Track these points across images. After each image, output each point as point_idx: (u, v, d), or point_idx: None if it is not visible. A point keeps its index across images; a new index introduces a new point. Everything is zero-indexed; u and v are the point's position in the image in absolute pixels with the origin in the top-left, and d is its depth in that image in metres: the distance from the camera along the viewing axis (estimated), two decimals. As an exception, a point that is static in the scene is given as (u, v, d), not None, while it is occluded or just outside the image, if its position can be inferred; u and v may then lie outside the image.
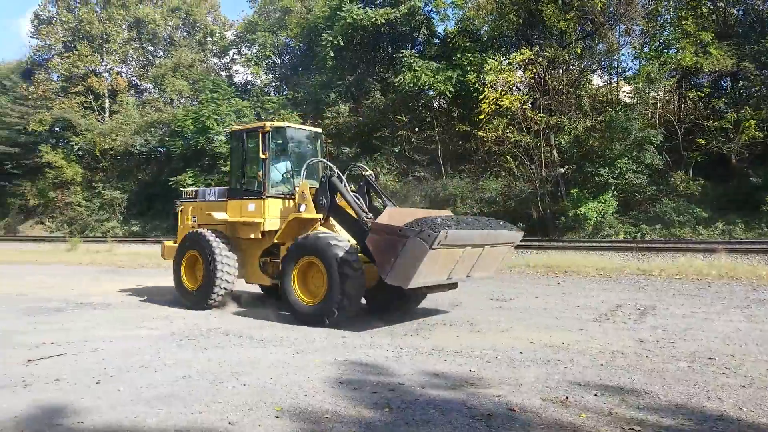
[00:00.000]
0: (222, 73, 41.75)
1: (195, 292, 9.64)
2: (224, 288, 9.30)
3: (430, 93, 27.01)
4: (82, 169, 38.88)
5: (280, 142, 9.87)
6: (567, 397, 4.75)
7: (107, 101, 42.19)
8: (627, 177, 21.27)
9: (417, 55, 27.18)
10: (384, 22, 27.32)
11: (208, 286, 9.30)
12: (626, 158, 21.38)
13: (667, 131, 22.45)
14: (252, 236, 9.34)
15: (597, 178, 21.44)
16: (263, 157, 9.21)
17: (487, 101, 22.68)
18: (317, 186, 8.93)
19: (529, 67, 23.40)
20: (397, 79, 25.99)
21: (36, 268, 18.54)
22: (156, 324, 8.22)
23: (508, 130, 23.26)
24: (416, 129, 27.93)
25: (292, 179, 9.46)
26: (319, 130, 10.81)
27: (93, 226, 35.79)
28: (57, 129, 40.70)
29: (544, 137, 23.47)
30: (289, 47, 36.54)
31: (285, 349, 6.57)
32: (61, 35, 41.84)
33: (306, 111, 32.17)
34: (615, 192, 21.36)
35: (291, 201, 9.17)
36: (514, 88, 24.31)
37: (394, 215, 7.72)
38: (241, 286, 10.10)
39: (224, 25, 45.79)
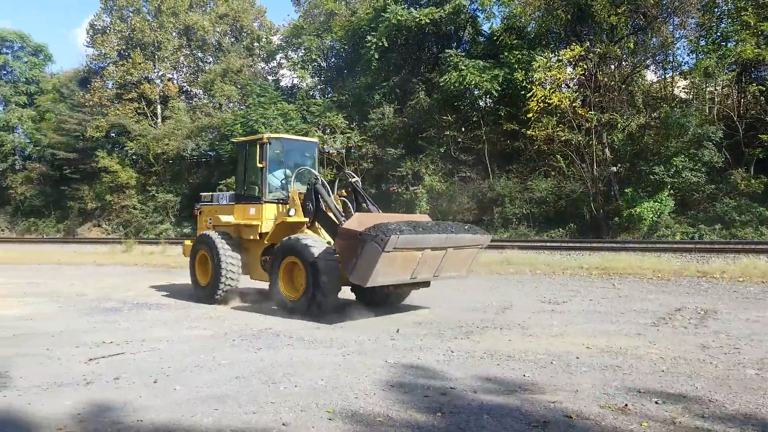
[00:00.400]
0: (269, 77, 42.36)
1: (205, 287, 10.56)
2: (229, 284, 10.16)
3: (476, 92, 26.75)
4: (136, 173, 40.10)
5: (278, 152, 10.59)
6: (627, 405, 4.52)
7: (159, 107, 43.41)
8: (684, 175, 20.51)
9: (462, 54, 26.90)
10: (428, 21, 27.15)
11: (215, 282, 10.17)
12: (683, 156, 20.63)
13: (727, 127, 21.52)
14: (252, 237, 10.30)
15: (652, 177, 20.76)
16: (260, 165, 10.13)
17: (535, 99, 22.30)
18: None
19: (579, 64, 22.87)
20: (442, 79, 25.80)
21: (94, 269, 19.14)
22: (208, 324, 8.30)
23: (557, 129, 22.81)
24: (462, 129, 27.65)
25: (287, 186, 10.23)
26: (316, 140, 11.92)
27: (147, 228, 36.83)
28: (112, 135, 42.17)
29: (596, 135, 22.88)
30: (334, 50, 36.75)
31: (335, 350, 6.51)
32: (116, 44, 43.27)
33: (350, 113, 32.28)
34: (671, 191, 20.63)
35: (285, 206, 10.00)
36: (563, 86, 23.82)
37: (362, 220, 8.22)
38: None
39: (270, 30, 46.46)
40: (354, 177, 10.75)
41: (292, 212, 9.64)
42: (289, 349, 6.55)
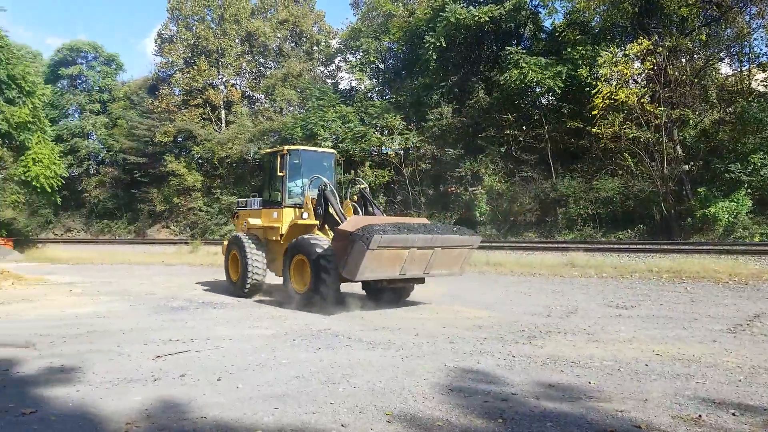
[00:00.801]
0: (328, 80, 42.90)
1: (236, 282, 11.81)
2: (255, 279, 11.30)
3: (538, 90, 26.20)
4: (202, 176, 41.41)
5: (297, 161, 11.69)
6: (700, 416, 4.25)
7: (223, 112, 44.71)
8: (762, 173, 19.39)
9: (523, 51, 26.44)
10: (488, 19, 26.80)
11: (243, 278, 11.34)
12: (761, 153, 19.48)
13: (809, 121, 20.18)
14: (275, 238, 11.43)
15: (728, 175, 19.72)
16: (280, 174, 11.30)
17: (600, 96, 21.60)
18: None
19: (648, 58, 21.96)
20: (502, 77, 25.41)
21: (162, 268, 19.87)
22: (269, 324, 8.41)
23: (624, 126, 22.00)
24: (523, 127, 27.12)
25: (304, 192, 11.26)
26: (333, 151, 13.01)
27: (212, 230, 37.94)
28: (179, 139, 43.75)
29: (666, 132, 21.95)
30: (392, 51, 36.82)
31: (393, 352, 6.44)
32: (182, 52, 44.86)
33: (408, 114, 32.25)
34: (749, 190, 19.50)
35: (301, 210, 11.09)
36: (630, 81, 22.93)
37: (357, 222, 9.08)
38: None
39: (329, 33, 47.06)
40: (363, 184, 11.80)
41: (305, 216, 10.76)
42: (347, 350, 6.54)
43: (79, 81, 52.62)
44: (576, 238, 22.46)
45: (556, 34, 26.59)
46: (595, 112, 22.08)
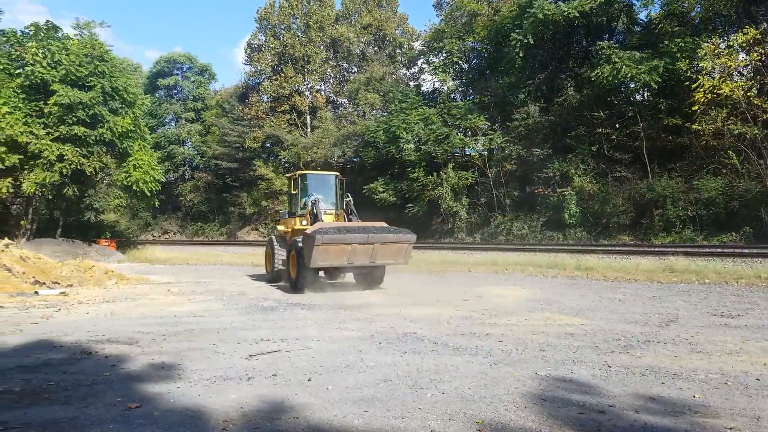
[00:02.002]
0: (410, 83, 43.02)
1: (269, 272, 15.75)
2: (278, 268, 14.71)
3: (632, 85, 25.07)
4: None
5: (305, 182, 15.10)
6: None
7: (308, 117, 45.86)
8: None
9: (616, 45, 25.35)
10: (578, 14, 25.89)
11: (272, 268, 15.28)
12: None
13: None
14: (297, 239, 13.52)
15: None
16: (294, 192, 15.19)
17: (701, 90, 20.39)
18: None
19: (755, 49, 20.44)
20: (593, 74, 24.53)
21: (252, 269, 20.56)
22: (356, 326, 8.47)
23: (728, 122, 20.61)
24: (616, 125, 26.01)
25: (307, 205, 14.39)
26: (336, 173, 15.85)
27: (298, 232, 38.90)
28: (267, 145, 45.32)
29: (776, 127, 20.30)
30: (476, 51, 36.38)
31: (481, 358, 6.28)
32: (270, 60, 46.44)
33: (493, 114, 31.71)
34: None
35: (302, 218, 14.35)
36: (734, 74, 21.44)
37: (321, 227, 11.89)
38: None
39: (412, 36, 47.17)
40: (348, 197, 14.29)
41: (303, 222, 14.00)
42: (434, 355, 6.44)
43: (175, 91, 55.79)
44: (674, 242, 21.25)
45: (652, 26, 25.47)
46: (696, 107, 20.92)
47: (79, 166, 25.59)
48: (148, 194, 29.61)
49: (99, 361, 6.09)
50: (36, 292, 12.09)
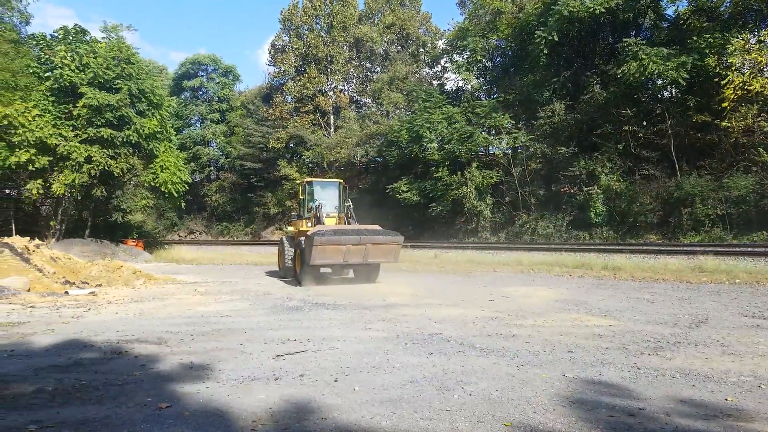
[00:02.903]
0: (434, 82, 42.88)
1: (280, 269, 17.63)
2: (287, 265, 16.18)
3: (659, 82, 24.64)
4: (313, 180, 42.82)
5: (312, 188, 16.65)
6: None
7: (332, 117, 46.02)
8: None
9: (643, 42, 24.94)
10: (604, 10, 25.54)
11: (283, 265, 16.98)
12: None
13: None
14: (302, 239, 14.78)
15: None
16: (301, 197, 17.04)
17: (731, 87, 19.98)
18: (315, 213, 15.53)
19: (787, 44, 19.95)
20: (620, 70, 24.19)
21: (275, 269, 20.62)
22: (381, 326, 8.46)
23: (759, 119, 20.13)
24: (643, 123, 25.64)
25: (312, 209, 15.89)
26: (340, 180, 17.61)
27: (323, 232, 39.06)
28: (291, 145, 45.63)
29: (809, 123, 19.80)
30: (500, 49, 36.12)
31: (508, 360, 6.23)
32: (293, 61, 46.75)
33: (517, 112, 31.44)
34: None
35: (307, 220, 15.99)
36: (765, 69, 20.93)
37: (320, 229, 13.48)
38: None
39: (435, 34, 47.02)
40: (348, 202, 15.92)
41: (309, 224, 15.39)
42: (460, 356, 6.40)
43: (200, 92, 56.45)
44: (703, 241, 20.84)
45: (680, 22, 25.01)
46: (726, 104, 20.55)
47: (106, 168, 26.06)
48: (175, 195, 30.00)
49: (129, 360, 6.17)
50: (66, 292, 12.31)
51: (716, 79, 21.47)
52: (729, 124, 20.76)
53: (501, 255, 22.79)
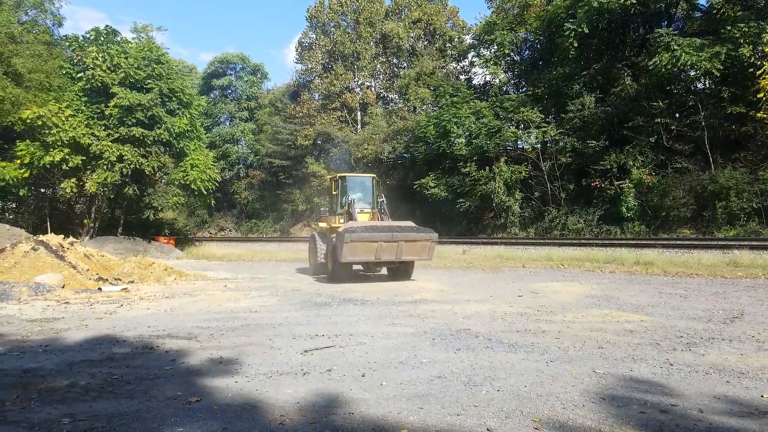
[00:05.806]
0: (461, 76, 42.56)
1: (311, 264, 17.06)
2: (319, 261, 15.73)
3: (692, 73, 24.11)
4: (340, 177, 42.98)
5: (345, 184, 16.26)
6: None
7: (359, 114, 46.06)
8: None
9: (675, 32, 24.40)
10: (635, 1, 25.03)
11: (313, 261, 16.56)
12: None
13: None
14: (333, 236, 14.75)
15: None
16: (334, 193, 16.71)
17: (767, 77, 19.35)
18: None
19: (826, 31, 19.33)
20: (651, 62, 23.71)
21: (303, 265, 20.76)
22: (409, 321, 8.46)
23: (797, 109, 19.55)
24: (676, 115, 25.13)
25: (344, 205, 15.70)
26: (373, 175, 17.10)
27: (351, 228, 39.19)
28: (319, 142, 45.81)
29: None
30: (528, 42, 35.69)
31: (537, 356, 6.17)
32: (320, 58, 46.91)
33: (546, 106, 31.04)
34: None
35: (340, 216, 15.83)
36: (804, 58, 20.35)
37: (351, 225, 13.40)
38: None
39: (462, 29, 46.66)
40: (382, 197, 15.71)
41: (341, 221, 15.30)
42: (488, 352, 6.37)
43: (229, 91, 56.99)
44: (738, 235, 20.37)
45: (714, 11, 24.41)
46: (761, 95, 20.07)
47: (138, 166, 26.55)
48: (205, 192, 30.45)
49: (160, 355, 6.28)
50: (99, 289, 12.57)
51: (751, 70, 20.98)
52: (765, 116, 20.29)
53: (530, 250, 22.57)
